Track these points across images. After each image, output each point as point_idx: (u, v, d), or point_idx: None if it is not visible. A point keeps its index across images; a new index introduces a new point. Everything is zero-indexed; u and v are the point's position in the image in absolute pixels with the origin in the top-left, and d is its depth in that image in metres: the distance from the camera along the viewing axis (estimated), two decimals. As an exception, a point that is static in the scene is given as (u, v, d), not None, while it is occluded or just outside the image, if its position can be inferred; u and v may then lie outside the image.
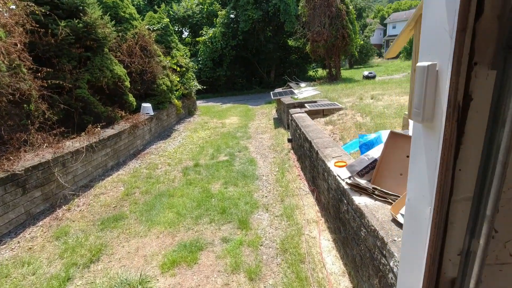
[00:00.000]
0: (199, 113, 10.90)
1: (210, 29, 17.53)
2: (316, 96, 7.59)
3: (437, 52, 0.71)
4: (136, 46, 7.37)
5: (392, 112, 4.35)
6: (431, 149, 0.77)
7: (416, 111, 0.78)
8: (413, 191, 0.89)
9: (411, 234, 0.90)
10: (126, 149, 5.74)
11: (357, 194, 1.95)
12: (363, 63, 29.73)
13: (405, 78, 10.97)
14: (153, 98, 7.72)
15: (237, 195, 3.75)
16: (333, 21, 11.51)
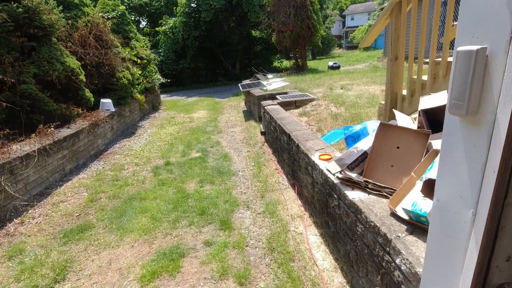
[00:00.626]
0: (164, 108, 10.37)
1: (170, 18, 16.66)
2: (286, 87, 7.55)
3: (487, 34, 0.61)
4: (90, 36, 6.71)
5: (364, 101, 4.42)
6: (475, 146, 0.68)
7: (457, 103, 0.68)
8: (445, 191, 0.80)
9: (442, 236, 0.82)
10: (86, 150, 5.23)
11: (349, 188, 1.89)
12: (325, 53, 30.46)
13: (367, 68, 11.37)
14: (113, 93, 7.13)
15: (215, 193, 3.57)
16: (298, 11, 11.50)
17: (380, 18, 2.76)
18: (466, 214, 0.73)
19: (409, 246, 1.30)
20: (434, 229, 0.86)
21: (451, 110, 0.71)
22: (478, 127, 0.67)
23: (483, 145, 0.66)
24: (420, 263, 1.21)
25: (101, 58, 6.72)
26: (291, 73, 12.35)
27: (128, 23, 9.52)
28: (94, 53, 6.59)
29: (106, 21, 7.57)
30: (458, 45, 0.69)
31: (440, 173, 0.82)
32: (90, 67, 6.47)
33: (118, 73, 7.11)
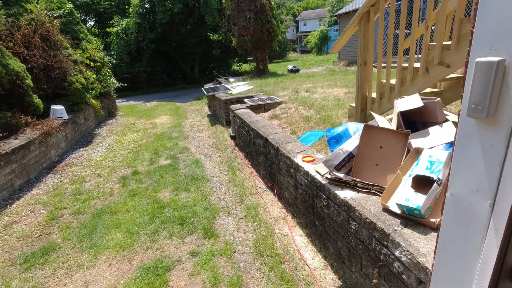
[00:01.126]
0: (121, 114, 9.77)
1: (122, 19, 15.79)
2: (251, 91, 7.62)
3: (505, 47, 0.70)
4: (35, 36, 6.07)
5: (332, 104, 4.65)
6: (492, 144, 0.77)
7: (477, 108, 0.77)
8: (460, 186, 0.89)
9: (457, 226, 0.91)
10: (37, 162, 4.71)
11: (339, 188, 1.98)
12: (281, 57, 31.39)
13: (325, 72, 11.97)
14: (65, 98, 6.53)
15: (193, 201, 3.46)
16: (258, 16, 11.70)
17: (350, 26, 2.94)
18: (483, 205, 0.82)
19: (407, 238, 1.40)
20: (448, 220, 0.95)
21: (470, 114, 0.79)
22: (496, 128, 0.76)
23: (502, 143, 0.75)
24: (420, 253, 1.31)
25: (50, 60, 6.12)
26: (253, 76, 12.50)
27: (77, 22, 8.81)
28: (41, 55, 5.98)
29: (53, 20, 6.92)
30: (475, 57, 0.77)
31: (453, 171, 0.90)
32: (38, 70, 5.86)
33: (70, 77, 6.54)
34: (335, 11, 31.63)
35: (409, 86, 2.55)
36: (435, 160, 1.57)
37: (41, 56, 5.97)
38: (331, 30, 31.06)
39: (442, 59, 2.27)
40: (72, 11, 8.61)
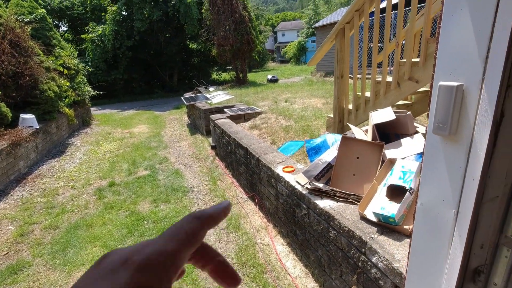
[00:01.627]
0: (97, 123, 9.45)
1: (98, 25, 15.41)
2: (231, 101, 7.67)
3: (463, 74, 0.80)
4: (3, 42, 5.81)
5: (311, 114, 4.79)
6: (454, 159, 0.86)
7: (441, 126, 0.85)
8: (428, 196, 0.97)
9: (427, 233, 0.99)
10: (4, 174, 4.46)
11: (318, 197, 2.05)
12: (260, 66, 31.83)
13: (303, 82, 12.28)
14: (35, 107, 6.24)
15: (173, 212, 3.41)
16: (238, 26, 11.87)
17: (327, 41, 3.08)
18: (449, 214, 0.90)
19: (383, 245, 1.48)
20: (419, 228, 1.02)
21: (435, 131, 0.88)
22: (457, 144, 0.84)
23: (462, 158, 0.83)
24: (395, 259, 1.39)
25: (20, 67, 5.86)
26: (233, 86, 12.58)
27: (50, 28, 8.52)
28: (10, 61, 5.72)
29: (24, 26, 6.66)
30: (438, 80, 0.86)
31: (423, 182, 0.99)
32: (6, 77, 5.59)
33: (42, 85, 6.28)
34: (312, 23, 32.73)
35: (383, 99, 2.71)
36: (407, 170, 1.68)
37: (10, 63, 5.70)
38: (308, 41, 32.05)
39: (411, 75, 2.44)
40: (45, 16, 8.33)
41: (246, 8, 12.44)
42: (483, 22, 0.74)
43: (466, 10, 0.78)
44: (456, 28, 0.81)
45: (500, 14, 0.70)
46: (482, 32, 0.75)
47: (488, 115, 0.75)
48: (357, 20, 2.82)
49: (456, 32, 0.81)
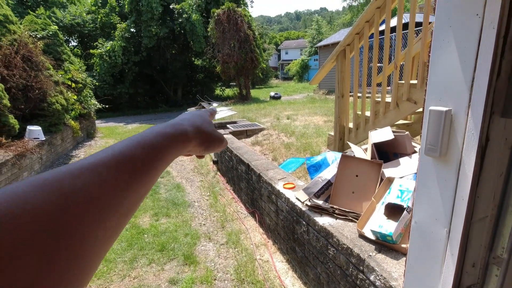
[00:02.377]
0: (100, 136, 9.58)
1: (107, 41, 15.89)
2: (233, 117, 7.78)
3: (451, 100, 0.86)
4: (16, 56, 6.01)
5: (312, 132, 4.86)
6: (446, 179, 0.90)
7: (432, 147, 0.91)
8: (422, 215, 1.01)
9: (421, 251, 1.02)
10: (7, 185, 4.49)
11: (318, 214, 2.07)
12: (264, 83, 32.35)
13: (306, 99, 12.47)
14: (42, 119, 6.38)
15: (173, 226, 3.42)
16: (242, 44, 12.22)
17: (328, 62, 3.19)
18: (441, 232, 0.94)
19: (381, 263, 1.50)
20: (414, 246, 1.05)
21: (427, 153, 0.93)
22: (448, 166, 0.89)
23: (452, 179, 0.88)
24: (392, 277, 1.40)
25: (30, 80, 6.04)
26: (236, 102, 12.78)
27: (61, 43, 8.81)
28: (21, 75, 5.90)
29: (36, 41, 6.90)
30: (429, 105, 0.92)
31: (417, 201, 1.03)
32: (16, 90, 5.75)
33: (50, 98, 6.44)
34: (315, 42, 33.50)
35: (382, 118, 2.77)
36: (405, 189, 1.72)
37: (21, 76, 5.88)
38: (311, 60, 32.67)
39: (410, 96, 2.51)
40: (57, 32, 8.64)
41: (251, 27, 12.84)
42: (468, 54, 0.81)
43: (453, 42, 0.85)
44: (444, 58, 0.88)
45: (482, 47, 0.77)
46: (467, 63, 0.81)
47: (474, 139, 0.80)
48: (357, 43, 2.93)
49: (444, 61, 0.88)
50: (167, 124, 0.37)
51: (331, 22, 44.00)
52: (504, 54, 0.75)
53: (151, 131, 0.33)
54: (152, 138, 0.31)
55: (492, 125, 0.79)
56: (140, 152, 0.29)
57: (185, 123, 0.38)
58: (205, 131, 0.41)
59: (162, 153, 0.31)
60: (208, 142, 0.41)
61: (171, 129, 0.35)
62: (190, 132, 0.37)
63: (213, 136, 0.42)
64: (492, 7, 0.74)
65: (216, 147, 0.43)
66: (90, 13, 18.63)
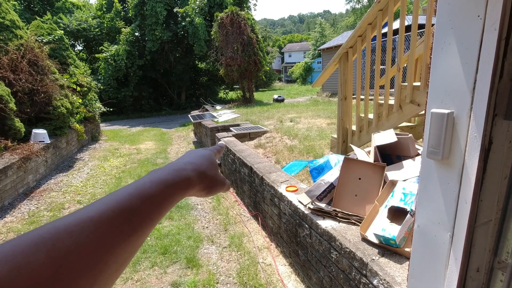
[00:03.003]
0: (105, 138, 9.65)
1: (112, 45, 16.05)
2: (237, 119, 7.79)
3: (453, 102, 0.85)
4: (23, 61, 6.10)
5: (315, 134, 4.84)
6: (448, 182, 0.89)
7: (434, 150, 0.90)
8: (424, 219, 0.99)
9: (424, 256, 1.00)
10: (13, 188, 4.55)
11: (320, 218, 2.06)
12: (267, 86, 32.40)
13: (309, 102, 12.46)
14: (47, 122, 6.44)
15: (176, 229, 3.42)
16: (245, 48, 12.27)
17: (330, 64, 3.18)
18: (444, 236, 0.92)
19: (384, 267, 1.48)
20: (417, 250, 1.04)
21: (429, 156, 0.92)
22: (450, 168, 0.88)
23: (455, 182, 0.87)
24: (395, 281, 1.38)
25: (36, 84, 6.11)
26: (239, 104, 12.81)
27: (66, 48, 8.92)
28: (27, 79, 5.97)
29: (42, 46, 7.00)
30: (430, 108, 0.91)
31: (419, 204, 1.01)
32: (22, 94, 5.82)
33: (55, 101, 6.51)
34: (318, 45, 33.54)
35: (385, 121, 2.76)
36: (408, 192, 1.70)
37: (27, 80, 5.96)
38: (314, 62, 32.69)
39: (413, 98, 2.49)
40: (62, 37, 8.75)
41: (254, 30, 12.90)
42: (469, 56, 0.80)
43: (454, 44, 0.85)
44: (446, 60, 0.87)
45: (484, 49, 0.76)
46: (469, 65, 0.80)
47: (477, 142, 0.79)
48: (360, 45, 2.92)
49: (446, 64, 0.87)
50: (170, 168, 0.35)
51: (334, 24, 44.00)
52: (507, 56, 0.74)
53: (152, 179, 0.32)
54: (153, 188, 0.31)
55: (495, 128, 0.78)
56: (139, 205, 0.28)
57: (188, 168, 0.37)
58: (209, 176, 0.40)
59: (161, 205, 0.31)
60: (210, 187, 0.40)
61: (173, 176, 0.34)
62: (193, 178, 0.36)
63: (217, 181, 0.41)
64: (493, 9, 0.73)
65: (218, 191, 0.42)
66: (95, 17, 18.85)
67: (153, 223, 0.30)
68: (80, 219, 0.24)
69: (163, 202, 0.31)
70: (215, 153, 0.46)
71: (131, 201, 0.28)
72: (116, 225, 0.26)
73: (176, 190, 0.33)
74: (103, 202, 0.27)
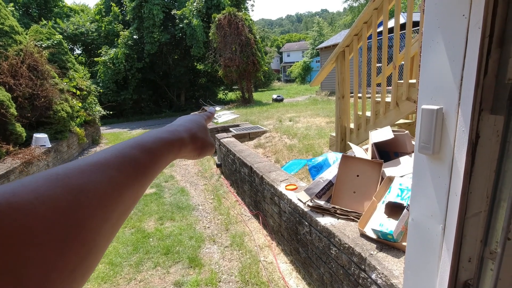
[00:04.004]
0: (105, 142, 9.68)
1: (110, 49, 16.11)
2: (236, 120, 7.82)
3: (442, 98, 0.88)
4: (22, 66, 6.14)
5: (314, 133, 4.87)
6: (439, 176, 0.92)
7: (425, 145, 0.93)
8: (418, 212, 1.03)
9: (418, 248, 1.03)
10: (16, 192, 4.58)
11: (320, 215, 2.09)
12: (266, 86, 32.44)
13: (308, 101, 12.49)
14: (48, 127, 6.48)
15: (178, 230, 3.45)
16: (243, 48, 12.32)
17: (328, 63, 3.21)
18: (437, 228, 0.95)
19: (382, 262, 1.51)
20: (411, 243, 1.07)
21: (420, 151, 0.95)
22: (441, 163, 0.91)
23: (446, 176, 0.90)
24: (393, 275, 1.41)
25: (36, 89, 6.16)
26: (239, 105, 12.85)
27: (65, 52, 8.97)
28: (27, 84, 6.02)
29: (42, 51, 7.04)
30: (421, 104, 0.94)
31: (413, 198, 1.04)
32: (22, 99, 5.86)
33: (55, 106, 6.55)
34: (316, 44, 33.57)
35: (383, 118, 2.79)
36: (405, 188, 1.73)
37: (27, 85, 6.00)
38: (313, 62, 32.74)
39: (409, 95, 2.52)
40: (61, 41, 8.79)
41: (252, 31, 12.94)
42: (456, 54, 0.83)
43: (441, 42, 0.88)
44: (434, 58, 0.90)
45: (469, 47, 0.79)
46: (455, 62, 0.83)
47: (465, 136, 0.82)
48: (356, 44, 2.96)
49: (434, 61, 0.90)
50: (164, 129, 0.38)
51: (332, 23, 44.06)
52: (491, 53, 0.77)
53: (149, 136, 0.35)
54: (151, 143, 0.33)
55: (482, 122, 0.81)
56: (140, 155, 0.30)
57: (181, 129, 0.40)
58: (200, 138, 0.43)
59: (159, 158, 0.33)
60: (201, 148, 0.43)
61: (168, 135, 0.36)
62: (185, 138, 0.39)
63: (207, 142, 0.45)
64: (477, 8, 0.76)
65: (208, 153, 0.46)
66: (93, 21, 18.90)
67: (153, 175, 0.32)
68: (89, 162, 0.26)
69: (161, 156, 0.33)
70: (205, 119, 0.49)
71: (133, 152, 0.30)
72: (123, 169, 0.28)
73: (172, 147, 0.36)
74: (108, 151, 0.29)
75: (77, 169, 0.24)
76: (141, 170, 0.30)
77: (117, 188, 0.26)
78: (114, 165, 0.27)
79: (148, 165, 0.31)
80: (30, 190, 0.20)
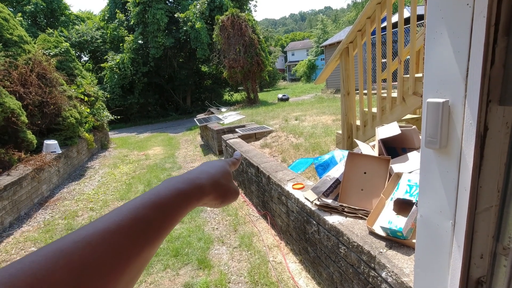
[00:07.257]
0: (114, 146, 9.81)
1: (116, 54, 16.32)
2: (242, 120, 7.83)
3: (448, 91, 0.85)
4: (31, 74, 6.26)
5: (320, 131, 4.84)
6: (447, 171, 0.90)
7: (432, 140, 0.90)
8: (426, 208, 1.00)
9: (428, 245, 1.01)
10: (29, 198, 4.67)
11: (327, 213, 2.07)
12: (271, 86, 32.39)
13: (314, 99, 12.41)
14: (58, 133, 6.60)
15: (186, 232, 3.47)
16: (247, 49, 12.33)
17: (331, 60, 3.18)
18: (446, 225, 0.93)
19: (392, 260, 1.48)
20: (421, 240, 1.04)
21: (427, 145, 0.93)
22: (449, 157, 0.89)
23: (454, 170, 0.87)
24: (404, 273, 1.39)
25: (45, 97, 6.27)
26: (244, 106, 12.86)
27: (72, 59, 9.11)
28: (37, 92, 6.14)
29: (50, 59, 7.17)
30: (426, 97, 0.92)
31: (421, 194, 1.02)
32: (32, 106, 5.98)
33: (64, 112, 6.66)
34: (321, 41, 33.35)
35: (389, 114, 2.74)
36: (414, 184, 1.70)
37: (36, 93, 6.12)
38: (318, 60, 32.53)
39: (415, 90, 2.48)
40: (68, 49, 8.94)
41: (255, 31, 12.93)
42: (461, 44, 0.81)
43: (445, 33, 0.85)
44: (439, 50, 0.88)
45: (474, 36, 0.77)
46: (460, 53, 0.81)
47: (472, 129, 0.80)
48: (360, 40, 2.92)
49: (439, 53, 0.88)
50: (184, 177, 0.36)
51: (336, 20, 43.78)
52: (497, 42, 0.75)
53: (166, 187, 0.33)
54: (167, 198, 0.32)
55: (490, 114, 0.78)
56: (154, 215, 0.29)
57: (202, 177, 0.38)
58: (223, 185, 0.41)
59: (175, 214, 0.32)
60: (224, 196, 0.41)
61: (188, 186, 0.35)
62: (206, 186, 0.37)
63: (230, 190, 0.42)
64: (481, -4, 0.74)
65: (232, 200, 0.43)
66: (99, 28, 19.18)
67: (166, 232, 0.31)
68: (98, 229, 0.25)
69: (177, 210, 0.32)
70: (229, 164, 0.47)
71: (145, 212, 0.29)
72: (131, 237, 0.27)
73: (190, 199, 0.34)
74: (118, 213, 0.28)
75: (83, 241, 0.24)
76: (154, 231, 0.29)
77: (125, 258, 0.25)
78: (123, 231, 0.26)
79: (162, 225, 0.30)
80: (28, 275, 0.20)
